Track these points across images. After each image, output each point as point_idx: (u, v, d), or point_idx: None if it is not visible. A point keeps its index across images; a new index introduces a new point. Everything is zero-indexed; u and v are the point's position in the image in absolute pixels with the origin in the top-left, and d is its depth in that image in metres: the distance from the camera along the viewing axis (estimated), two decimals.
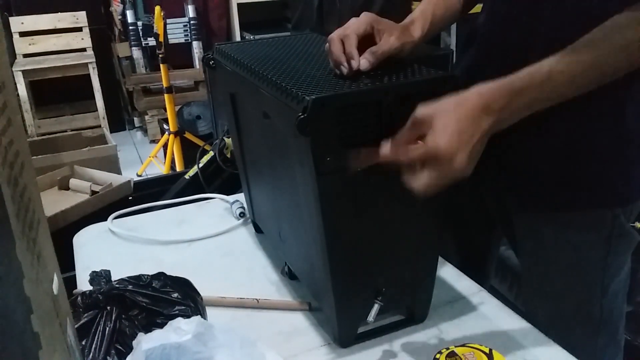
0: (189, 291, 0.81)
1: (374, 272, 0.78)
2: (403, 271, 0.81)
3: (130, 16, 3.99)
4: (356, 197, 0.72)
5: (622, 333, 0.95)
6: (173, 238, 1.14)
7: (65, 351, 0.49)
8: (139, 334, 0.71)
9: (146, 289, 0.78)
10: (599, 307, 0.89)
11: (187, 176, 1.87)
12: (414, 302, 0.85)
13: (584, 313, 0.90)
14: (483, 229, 1.09)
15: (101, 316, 0.75)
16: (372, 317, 0.77)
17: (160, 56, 3.10)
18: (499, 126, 0.70)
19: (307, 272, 0.89)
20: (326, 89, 0.69)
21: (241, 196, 1.22)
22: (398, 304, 0.84)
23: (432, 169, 0.67)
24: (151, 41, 3.89)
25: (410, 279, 0.82)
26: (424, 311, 0.86)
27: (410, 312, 0.86)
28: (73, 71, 3.81)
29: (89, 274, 0.79)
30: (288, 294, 0.95)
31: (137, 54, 4.13)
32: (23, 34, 3.91)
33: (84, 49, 4.03)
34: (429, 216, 0.79)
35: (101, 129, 3.17)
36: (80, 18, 4.00)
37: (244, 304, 0.91)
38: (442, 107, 0.68)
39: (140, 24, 3.98)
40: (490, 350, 0.75)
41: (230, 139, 1.62)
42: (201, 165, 1.79)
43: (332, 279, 0.76)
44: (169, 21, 3.82)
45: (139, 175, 3.37)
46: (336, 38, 0.78)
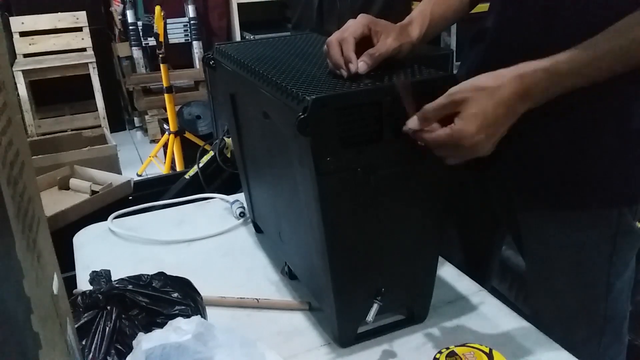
0: (189, 291, 0.81)
1: (374, 272, 0.78)
2: (403, 271, 0.81)
3: (130, 16, 3.99)
4: (356, 197, 0.72)
5: (625, 332, 0.95)
6: (173, 238, 1.14)
7: (65, 351, 0.49)
8: (139, 333, 0.71)
9: (146, 288, 0.78)
10: (603, 306, 0.89)
11: (187, 176, 1.87)
12: (414, 302, 0.85)
13: (588, 312, 0.90)
14: (487, 228, 1.09)
15: (101, 316, 0.75)
16: (372, 316, 0.77)
17: (161, 56, 3.10)
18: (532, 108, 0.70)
19: (307, 272, 0.89)
20: (326, 89, 0.69)
21: (241, 196, 1.22)
22: (398, 304, 0.84)
23: (453, 150, 0.68)
24: (151, 41, 3.89)
25: (410, 279, 0.82)
26: (424, 311, 0.86)
27: (410, 312, 0.86)
28: (73, 71, 3.81)
29: (89, 273, 0.79)
30: (288, 293, 0.95)
31: (137, 54, 4.13)
32: (23, 34, 3.91)
33: (84, 49, 4.03)
34: (429, 216, 0.79)
35: (101, 128, 3.18)
36: (80, 18, 4.01)
37: (244, 304, 0.91)
38: (480, 89, 0.67)
39: (140, 23, 3.98)
40: (490, 350, 0.75)
41: (230, 139, 1.62)
42: (201, 165, 1.78)
43: (332, 278, 0.76)
44: (169, 21, 3.82)
45: (139, 175, 3.37)
46: (334, 41, 0.78)
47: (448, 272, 0.99)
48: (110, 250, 1.12)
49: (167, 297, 0.78)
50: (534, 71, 0.68)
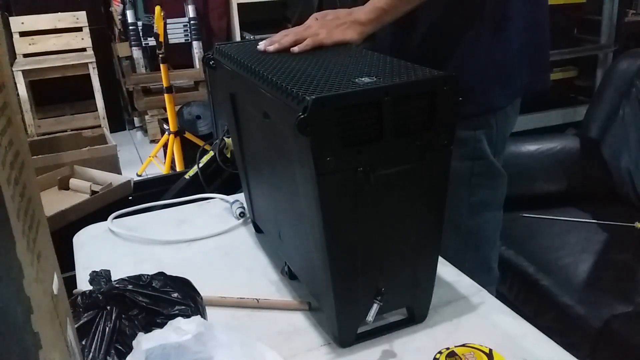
0: (189, 291, 0.81)
1: (374, 272, 0.78)
2: (403, 271, 0.81)
3: (130, 16, 3.99)
4: (356, 197, 0.72)
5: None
6: (173, 238, 1.14)
7: (65, 351, 0.49)
8: (139, 333, 0.71)
9: (146, 288, 0.78)
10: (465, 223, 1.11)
11: (187, 176, 1.86)
12: (414, 302, 0.85)
13: (454, 225, 1.08)
14: None
15: (101, 316, 0.75)
16: (372, 316, 0.77)
17: (160, 56, 3.11)
18: None
19: (307, 272, 0.89)
20: (326, 89, 0.69)
21: (241, 196, 1.22)
22: (398, 304, 0.84)
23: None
24: (151, 41, 3.89)
25: (410, 279, 0.82)
26: (424, 311, 0.86)
27: (411, 312, 0.86)
28: (73, 71, 3.81)
29: (89, 274, 0.79)
30: (288, 294, 0.95)
31: (137, 54, 4.13)
32: (23, 34, 3.91)
33: (84, 49, 4.03)
34: (429, 216, 0.79)
35: (101, 129, 3.18)
36: (80, 18, 4.01)
37: (244, 304, 0.91)
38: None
39: (140, 24, 3.98)
40: (490, 350, 0.75)
41: (230, 139, 1.61)
42: (201, 165, 1.78)
43: (332, 279, 0.76)
44: (169, 21, 3.82)
45: (139, 175, 3.37)
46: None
47: (448, 272, 0.99)
48: (110, 250, 1.12)
49: (167, 297, 0.78)
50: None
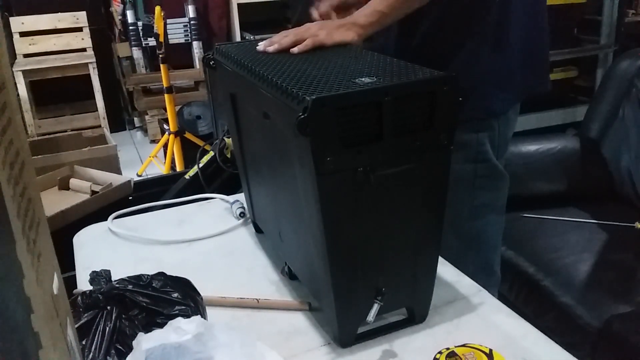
0: (189, 291, 0.81)
1: (374, 272, 0.78)
2: (403, 271, 0.81)
3: (130, 16, 3.99)
4: (356, 197, 0.72)
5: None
6: (173, 238, 1.14)
7: (65, 351, 0.49)
8: (139, 333, 0.71)
9: (146, 289, 0.78)
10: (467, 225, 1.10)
11: (187, 176, 1.87)
12: (414, 303, 0.85)
13: (455, 228, 1.07)
14: None
15: (101, 316, 0.75)
16: (372, 317, 0.77)
17: (161, 56, 3.10)
18: None
19: (307, 272, 0.89)
20: (326, 89, 0.69)
21: (241, 196, 1.22)
22: (398, 304, 0.84)
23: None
24: (151, 41, 3.89)
25: (410, 279, 0.82)
26: (424, 311, 0.86)
27: (411, 313, 0.86)
28: (73, 71, 3.81)
29: (89, 274, 0.79)
30: (288, 294, 0.95)
31: (137, 54, 4.12)
32: (23, 34, 3.91)
33: (84, 49, 4.03)
34: (429, 216, 0.79)
35: (101, 129, 3.18)
36: (80, 18, 4.01)
37: (244, 304, 0.91)
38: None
39: (140, 24, 3.97)
40: (490, 350, 0.75)
41: (230, 139, 1.62)
42: (201, 165, 1.78)
43: (332, 279, 0.76)
44: (169, 21, 3.82)
45: (139, 175, 3.37)
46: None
47: (448, 272, 0.99)
48: (110, 250, 1.12)
49: (167, 297, 0.78)
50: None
